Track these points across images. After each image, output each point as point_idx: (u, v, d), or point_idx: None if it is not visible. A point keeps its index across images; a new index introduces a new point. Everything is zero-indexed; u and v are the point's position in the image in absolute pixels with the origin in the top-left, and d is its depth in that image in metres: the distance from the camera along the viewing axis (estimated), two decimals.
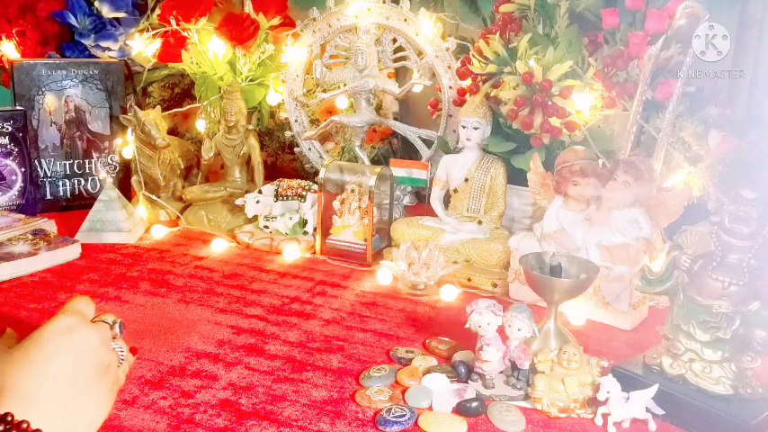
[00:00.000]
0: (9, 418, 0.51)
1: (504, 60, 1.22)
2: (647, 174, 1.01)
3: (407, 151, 1.62)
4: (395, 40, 1.44)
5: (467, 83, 1.32)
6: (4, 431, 0.50)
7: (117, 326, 0.66)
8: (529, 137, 1.20)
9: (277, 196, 1.37)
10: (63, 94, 1.54)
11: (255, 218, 1.39)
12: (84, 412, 0.57)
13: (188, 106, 1.69)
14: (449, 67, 1.38)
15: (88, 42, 1.63)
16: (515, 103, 1.17)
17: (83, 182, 1.59)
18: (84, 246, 1.28)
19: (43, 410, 0.53)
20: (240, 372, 0.86)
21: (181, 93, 1.84)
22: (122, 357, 0.66)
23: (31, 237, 1.25)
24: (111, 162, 1.60)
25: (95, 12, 1.63)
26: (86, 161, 1.59)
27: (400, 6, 1.39)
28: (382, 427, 0.73)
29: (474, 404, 0.77)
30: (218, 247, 1.32)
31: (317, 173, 1.37)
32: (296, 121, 1.60)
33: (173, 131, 1.72)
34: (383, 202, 1.34)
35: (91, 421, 0.58)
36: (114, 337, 0.65)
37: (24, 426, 0.51)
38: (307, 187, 1.37)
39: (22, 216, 1.35)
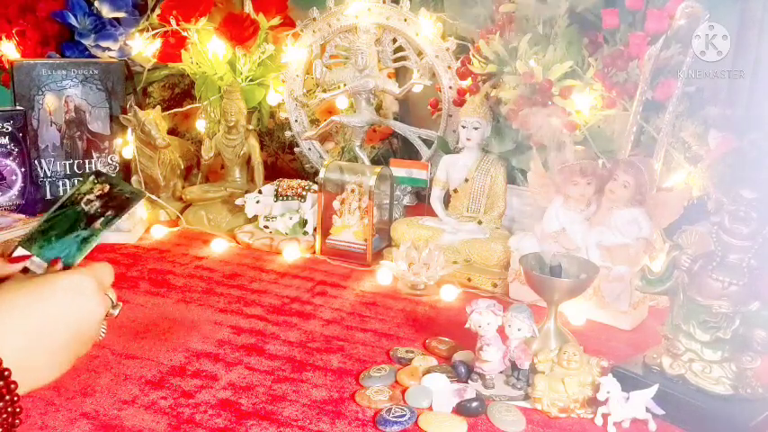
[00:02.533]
0: None
1: (504, 60, 1.22)
2: (647, 174, 1.01)
3: (407, 151, 1.62)
4: (395, 40, 1.44)
5: (467, 83, 1.32)
6: None
7: (118, 309, 0.65)
8: (529, 137, 1.20)
9: (277, 196, 1.37)
10: (63, 94, 1.54)
11: (255, 218, 1.39)
12: (41, 367, 0.56)
13: (188, 106, 1.69)
14: (449, 67, 1.38)
15: (88, 42, 1.63)
16: (515, 103, 1.17)
17: None
18: None
19: (7, 347, 0.52)
20: (240, 372, 0.86)
21: (181, 93, 1.84)
22: (101, 336, 0.63)
23: None
24: (111, 162, 1.60)
25: (95, 12, 1.63)
26: (86, 161, 1.58)
27: (400, 6, 1.39)
28: (382, 427, 0.73)
29: (474, 404, 0.77)
30: (218, 247, 1.32)
31: (317, 173, 1.37)
32: (296, 121, 1.60)
33: (173, 131, 1.72)
34: (383, 202, 1.34)
35: (37, 379, 0.56)
36: (107, 316, 0.64)
37: None
38: (307, 187, 1.37)
39: (22, 216, 1.35)
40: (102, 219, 0.71)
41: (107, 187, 0.74)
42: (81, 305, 0.58)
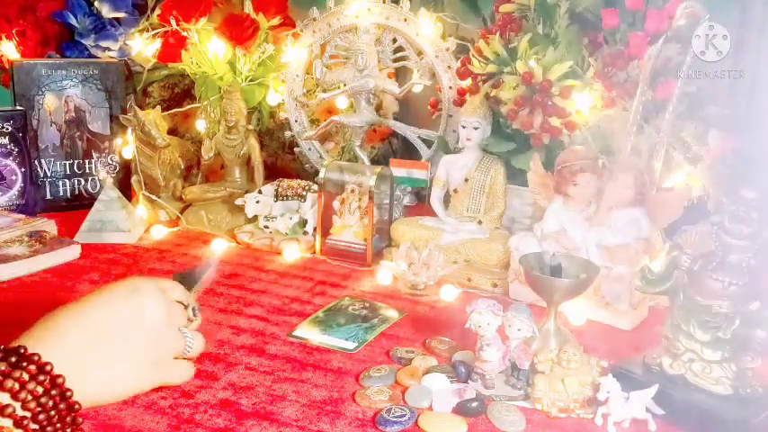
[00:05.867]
0: (22, 351, 0.49)
1: (504, 60, 1.22)
2: (648, 174, 1.01)
3: (407, 151, 1.62)
4: (395, 40, 1.44)
5: (467, 83, 1.32)
6: (16, 363, 0.48)
7: (190, 309, 0.61)
8: (529, 137, 1.20)
9: (277, 196, 1.37)
10: (63, 94, 1.54)
11: (255, 218, 1.39)
12: (111, 378, 0.53)
13: (188, 106, 1.69)
14: (449, 67, 1.38)
15: (88, 42, 1.63)
16: (515, 103, 1.17)
17: (83, 182, 1.59)
18: (84, 246, 1.28)
19: (65, 353, 0.50)
20: (240, 372, 0.86)
21: (181, 93, 1.84)
22: (188, 349, 0.59)
23: (30, 238, 1.25)
24: (111, 162, 1.60)
25: (95, 12, 1.63)
26: (86, 161, 1.58)
27: (400, 6, 1.39)
28: (382, 427, 0.73)
29: (474, 404, 0.77)
30: (218, 247, 1.32)
31: (317, 173, 1.37)
32: (296, 121, 1.60)
33: (173, 131, 1.72)
34: (383, 202, 1.34)
35: (116, 392, 0.54)
36: (190, 320, 0.60)
37: (48, 368, 0.48)
38: (307, 187, 1.37)
39: (22, 216, 1.35)
40: (376, 319, 0.99)
41: (367, 304, 1.03)
42: (138, 303, 0.55)
